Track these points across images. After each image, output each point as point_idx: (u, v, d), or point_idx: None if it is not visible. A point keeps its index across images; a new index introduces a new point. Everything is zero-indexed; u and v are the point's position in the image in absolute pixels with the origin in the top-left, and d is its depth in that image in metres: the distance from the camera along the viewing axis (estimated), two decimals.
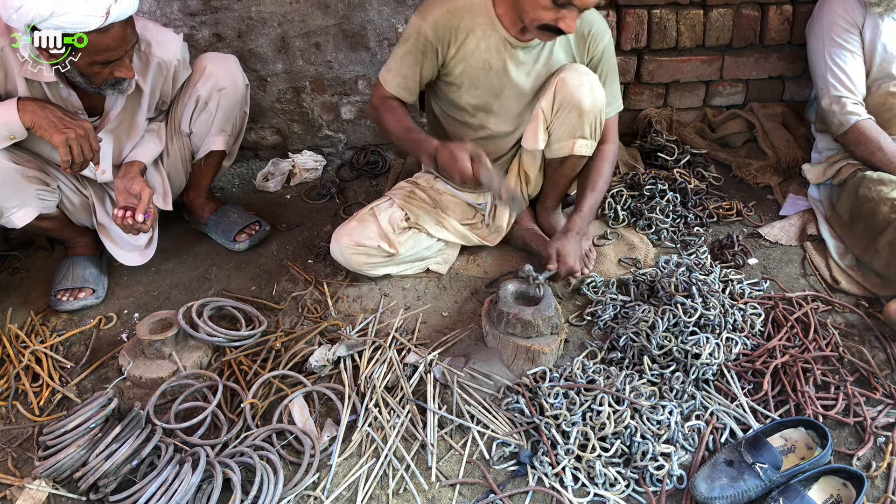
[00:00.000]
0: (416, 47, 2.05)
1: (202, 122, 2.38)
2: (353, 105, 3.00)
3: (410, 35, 2.05)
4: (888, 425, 1.78)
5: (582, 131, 2.13)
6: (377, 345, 2.04)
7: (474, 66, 2.08)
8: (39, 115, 1.93)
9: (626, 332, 1.99)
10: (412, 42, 2.05)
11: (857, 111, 2.38)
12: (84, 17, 1.77)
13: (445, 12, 2.01)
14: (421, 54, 2.06)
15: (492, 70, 2.09)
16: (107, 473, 1.59)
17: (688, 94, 3.03)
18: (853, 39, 2.40)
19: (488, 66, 2.08)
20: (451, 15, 2.01)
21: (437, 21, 2.01)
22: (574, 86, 2.06)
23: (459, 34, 2.03)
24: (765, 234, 2.50)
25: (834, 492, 1.62)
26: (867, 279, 2.23)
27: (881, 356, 2.00)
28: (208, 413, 1.79)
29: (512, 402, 1.85)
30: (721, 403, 1.85)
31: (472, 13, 2.01)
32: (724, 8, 2.80)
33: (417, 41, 2.04)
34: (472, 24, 2.02)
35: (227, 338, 2.02)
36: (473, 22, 2.02)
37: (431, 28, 2.01)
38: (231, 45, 2.79)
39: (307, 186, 2.94)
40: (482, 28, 2.02)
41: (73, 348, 2.14)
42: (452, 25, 2.02)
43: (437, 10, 2.02)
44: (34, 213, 2.14)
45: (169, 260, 2.51)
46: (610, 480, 1.65)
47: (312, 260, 2.49)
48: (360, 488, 1.66)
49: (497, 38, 2.03)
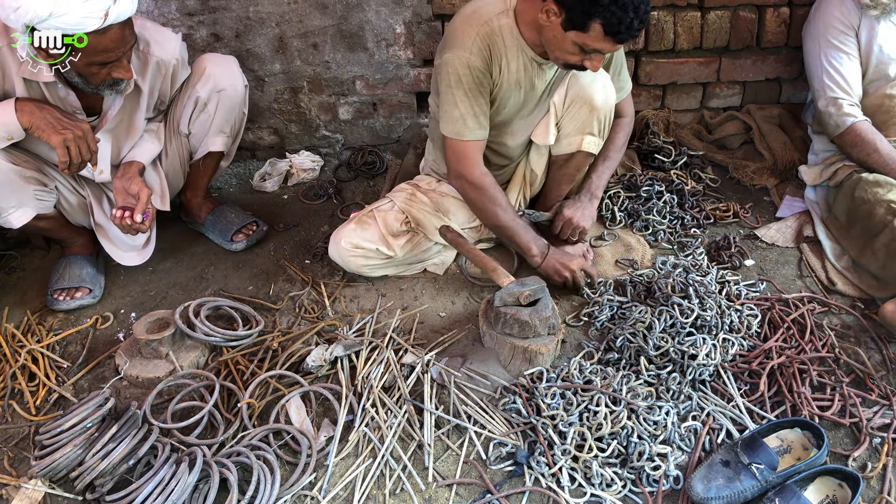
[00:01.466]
0: (473, 82, 1.98)
1: (201, 122, 2.38)
2: (350, 105, 3.00)
3: (461, 73, 1.96)
4: (884, 426, 1.78)
5: (591, 128, 2.13)
6: (374, 345, 2.04)
7: (507, 87, 2.07)
8: (37, 116, 1.93)
9: (622, 333, 1.99)
10: (467, 79, 1.97)
11: (853, 113, 2.38)
12: (82, 18, 1.77)
13: (481, 39, 1.95)
14: (480, 86, 1.99)
15: (521, 88, 2.09)
16: (103, 473, 1.59)
17: (685, 95, 3.04)
18: (849, 41, 2.40)
19: (519, 85, 2.07)
20: (487, 39, 1.96)
21: (479, 49, 1.95)
22: (586, 82, 2.07)
23: (497, 57, 2.00)
24: (761, 235, 2.51)
25: (830, 492, 1.63)
26: (863, 281, 2.24)
27: (877, 357, 2.00)
28: (205, 413, 1.79)
29: (509, 403, 1.85)
30: (717, 404, 1.85)
31: (502, 36, 1.98)
32: (722, 10, 2.81)
33: (472, 77, 1.97)
34: (504, 47, 1.99)
35: (224, 338, 2.02)
36: (504, 45, 1.99)
37: (479, 58, 1.95)
38: (229, 44, 2.79)
39: (304, 187, 2.94)
40: (511, 49, 2.00)
41: (69, 348, 2.14)
42: (491, 49, 1.97)
43: (471, 38, 1.94)
44: (31, 214, 2.14)
45: (166, 260, 2.50)
46: (606, 481, 1.66)
47: (310, 260, 2.49)
48: (357, 488, 1.66)
49: (525, 57, 2.02)
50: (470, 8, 2.01)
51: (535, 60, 2.02)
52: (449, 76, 1.98)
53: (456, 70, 1.96)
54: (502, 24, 1.96)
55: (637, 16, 1.71)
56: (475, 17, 1.97)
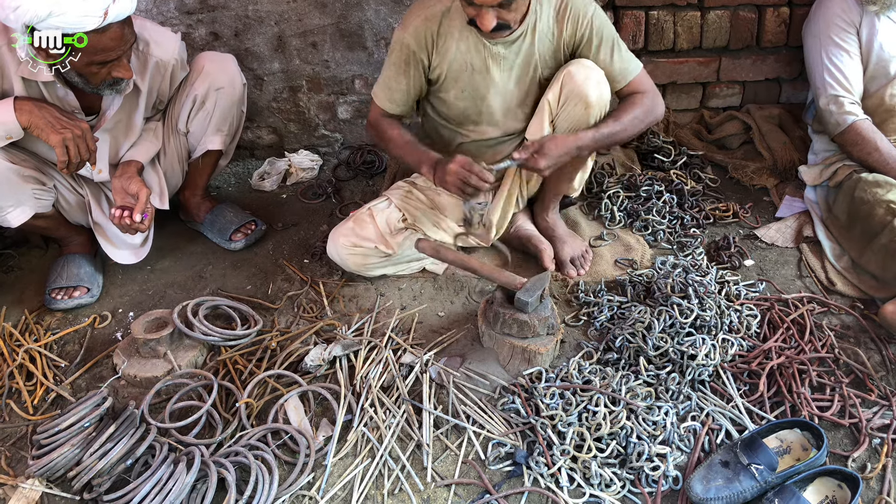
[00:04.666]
0: (399, 59, 2.10)
1: (199, 121, 2.37)
2: (349, 105, 3.00)
3: (394, 48, 2.10)
4: (883, 427, 1.78)
5: (587, 125, 2.12)
6: (373, 345, 2.04)
7: (457, 69, 2.10)
8: (36, 115, 1.92)
9: (622, 333, 1.99)
10: (396, 54, 2.11)
11: (854, 111, 2.38)
12: (82, 17, 1.77)
13: (423, 20, 2.05)
14: (405, 64, 2.11)
15: (474, 71, 2.10)
16: (101, 473, 1.59)
17: (685, 95, 3.04)
18: (850, 39, 2.40)
19: (471, 68, 2.10)
20: (429, 21, 2.05)
21: (417, 29, 2.06)
22: (581, 79, 2.06)
23: (438, 39, 2.07)
24: (761, 235, 2.51)
25: (829, 493, 1.63)
26: (863, 281, 2.24)
27: (877, 358, 2.00)
28: (203, 412, 1.79)
29: (508, 403, 1.85)
30: (717, 404, 1.85)
31: (449, 17, 2.05)
32: (722, 10, 2.81)
33: (401, 53, 2.09)
34: (450, 28, 2.05)
35: (222, 337, 2.01)
36: (450, 25, 2.05)
37: (413, 37, 2.06)
38: (228, 43, 2.79)
39: (303, 186, 2.93)
40: (458, 30, 2.05)
41: (67, 347, 2.13)
42: (432, 31, 2.06)
43: (416, 18, 2.06)
44: (30, 213, 2.14)
45: (164, 259, 2.50)
46: (605, 481, 1.65)
47: (308, 259, 2.48)
48: (356, 488, 1.66)
49: (474, 37, 2.05)
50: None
51: (482, 42, 2.06)
52: (391, 46, 2.13)
53: (393, 44, 2.12)
54: (454, 5, 2.04)
55: None
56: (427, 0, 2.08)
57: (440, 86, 2.15)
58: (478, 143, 2.27)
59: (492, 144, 2.28)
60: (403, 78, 2.13)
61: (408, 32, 2.06)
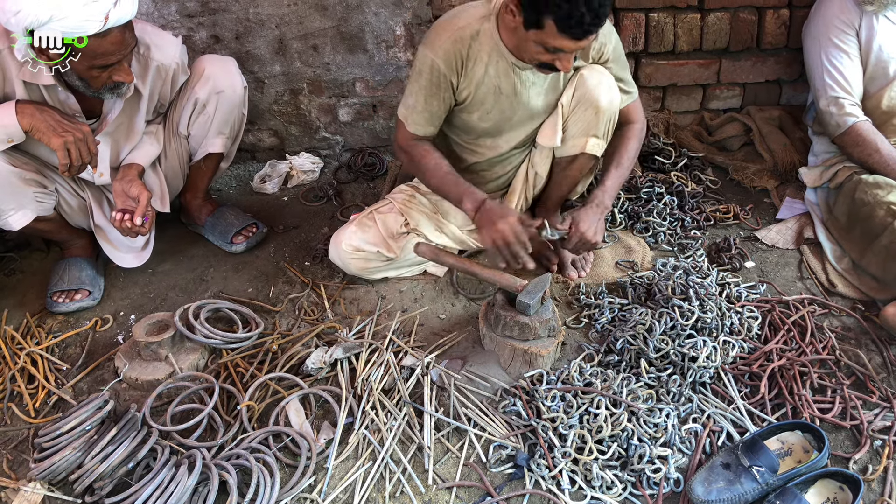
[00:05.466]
0: (430, 82, 2.03)
1: (200, 124, 2.38)
2: (350, 107, 3.00)
3: (423, 69, 2.03)
4: (885, 429, 1.78)
5: (596, 129, 2.13)
6: (374, 347, 2.04)
7: (484, 92, 2.07)
8: (38, 119, 1.92)
9: (623, 335, 1.99)
10: (426, 77, 2.03)
11: (854, 112, 2.38)
12: (83, 21, 1.77)
13: (453, 42, 1.99)
14: (436, 88, 2.04)
15: (502, 94, 2.08)
16: (102, 476, 1.59)
17: (685, 97, 3.04)
18: (850, 41, 2.40)
19: (499, 91, 2.07)
20: (459, 43, 1.99)
21: (447, 52, 1.99)
22: (593, 84, 2.07)
23: (468, 62, 2.02)
24: (762, 237, 2.51)
25: (830, 495, 1.63)
26: (864, 283, 2.24)
27: (878, 360, 2.00)
28: (205, 415, 1.79)
29: (509, 405, 1.85)
30: (718, 406, 1.85)
31: (479, 40, 2.00)
32: (722, 12, 2.81)
33: (431, 75, 2.02)
34: (479, 51, 2.01)
35: (223, 340, 2.01)
36: (480, 49, 2.00)
37: (443, 60, 2.00)
38: (229, 46, 2.79)
39: (304, 188, 2.94)
40: (488, 54, 2.01)
41: (68, 350, 2.14)
42: (461, 54, 2.00)
43: (444, 41, 1.99)
44: (31, 216, 2.14)
45: (165, 262, 2.50)
46: (607, 483, 1.65)
47: (309, 262, 2.48)
48: (357, 491, 1.66)
49: (505, 63, 2.02)
50: (454, 10, 2.06)
51: (515, 66, 2.03)
52: (416, 67, 2.06)
53: (420, 65, 2.04)
54: (483, 28, 1.99)
55: (589, 9, 1.70)
56: (454, 20, 2.01)
57: (465, 107, 2.11)
58: (490, 160, 2.28)
59: (503, 158, 2.29)
60: (435, 101, 2.07)
61: (438, 56, 1.99)
